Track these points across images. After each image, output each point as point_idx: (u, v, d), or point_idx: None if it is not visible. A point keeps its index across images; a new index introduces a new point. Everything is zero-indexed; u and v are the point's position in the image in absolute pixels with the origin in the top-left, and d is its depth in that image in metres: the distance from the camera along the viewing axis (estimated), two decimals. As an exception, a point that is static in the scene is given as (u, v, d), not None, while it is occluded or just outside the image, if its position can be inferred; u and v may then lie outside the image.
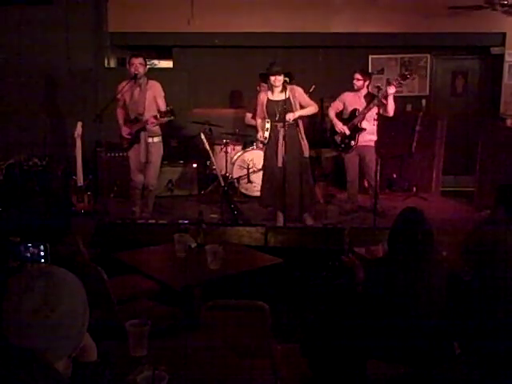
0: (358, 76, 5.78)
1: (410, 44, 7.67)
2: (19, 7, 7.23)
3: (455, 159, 7.41)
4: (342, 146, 5.90)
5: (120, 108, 5.54)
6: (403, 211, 2.94)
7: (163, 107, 5.35)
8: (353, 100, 5.81)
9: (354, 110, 5.74)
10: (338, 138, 5.91)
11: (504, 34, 7.47)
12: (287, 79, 5.17)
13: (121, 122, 5.54)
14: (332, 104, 6.04)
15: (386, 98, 5.56)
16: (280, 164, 5.24)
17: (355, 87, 5.76)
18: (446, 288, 2.77)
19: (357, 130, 5.72)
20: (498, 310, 2.89)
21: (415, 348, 2.62)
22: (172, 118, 5.28)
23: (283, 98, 5.20)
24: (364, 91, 5.77)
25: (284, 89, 5.19)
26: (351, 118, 5.78)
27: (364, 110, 5.67)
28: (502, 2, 6.88)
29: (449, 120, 7.15)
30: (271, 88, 5.25)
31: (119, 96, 5.41)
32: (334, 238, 5.15)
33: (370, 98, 5.74)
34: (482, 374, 2.67)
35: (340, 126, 5.82)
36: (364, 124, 5.71)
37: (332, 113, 5.95)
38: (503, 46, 7.52)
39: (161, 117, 5.26)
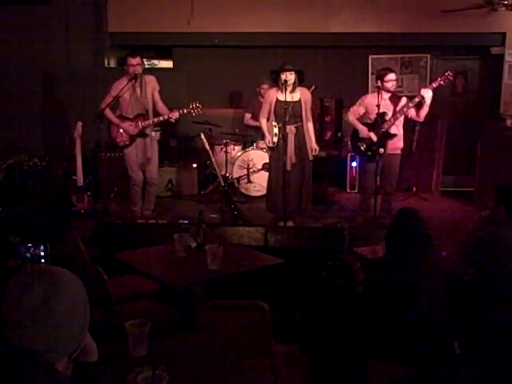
0: (394, 76, 5.29)
1: (410, 44, 7.66)
2: (19, 7, 7.23)
3: (455, 159, 7.40)
4: (369, 153, 5.36)
5: (110, 107, 5.45)
6: (399, 212, 2.94)
7: (160, 100, 5.52)
8: (378, 103, 5.18)
9: (382, 114, 5.22)
10: (362, 146, 5.41)
11: (504, 34, 7.46)
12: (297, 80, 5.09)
13: (115, 119, 5.49)
14: (351, 109, 5.54)
15: (422, 102, 5.18)
16: (289, 167, 5.17)
17: (391, 89, 5.27)
18: (445, 288, 2.77)
19: (387, 137, 5.25)
20: (498, 310, 2.89)
21: (415, 348, 2.62)
22: (200, 111, 5.42)
23: (293, 99, 5.13)
24: (389, 93, 5.32)
25: (294, 89, 5.13)
26: (378, 123, 5.27)
27: (397, 115, 5.23)
28: (502, 2, 6.89)
29: (449, 120, 7.16)
30: (281, 88, 5.09)
31: (115, 94, 5.38)
32: (334, 237, 5.15)
33: (396, 99, 5.32)
34: (482, 374, 2.67)
35: (366, 132, 5.34)
36: (393, 129, 5.28)
37: (352, 118, 5.46)
38: (503, 46, 7.52)
39: (188, 111, 5.37)
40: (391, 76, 5.28)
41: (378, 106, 5.15)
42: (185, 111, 5.39)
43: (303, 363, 2.91)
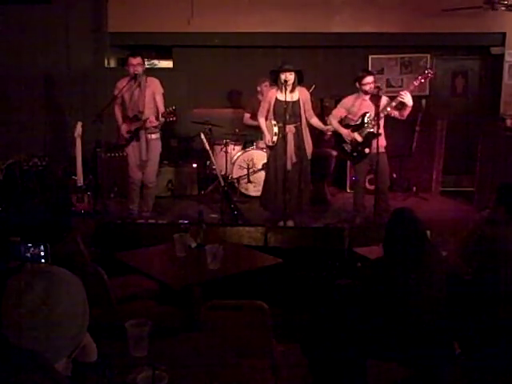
0: (371, 79, 5.28)
1: (410, 44, 7.66)
2: (19, 7, 7.23)
3: (455, 159, 7.41)
4: (354, 154, 5.43)
5: (118, 105, 5.53)
6: (394, 213, 2.94)
7: (161, 104, 5.43)
8: (359, 104, 5.35)
9: (365, 114, 5.30)
10: (348, 147, 5.45)
11: (504, 34, 7.47)
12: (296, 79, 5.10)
13: (119, 119, 5.55)
14: (333, 112, 5.57)
15: (402, 105, 5.18)
16: (289, 167, 5.20)
17: (369, 92, 5.26)
18: (446, 288, 2.77)
19: (373, 136, 5.25)
20: (498, 310, 2.90)
21: (415, 348, 2.62)
22: (174, 118, 5.30)
23: (292, 99, 5.15)
24: (368, 94, 5.33)
25: (294, 89, 5.14)
26: (362, 124, 5.33)
27: (380, 114, 5.19)
28: (502, 2, 6.88)
29: (449, 120, 7.15)
30: (280, 87, 5.12)
31: (117, 93, 5.41)
32: (333, 237, 5.15)
33: (376, 99, 5.27)
34: (482, 374, 2.67)
35: (350, 135, 5.36)
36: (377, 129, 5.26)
37: (335, 122, 5.47)
38: (503, 46, 7.52)
39: (163, 117, 5.27)
40: (368, 79, 5.30)
41: (378, 106, 5.17)
42: (160, 118, 5.28)
43: (303, 363, 2.92)
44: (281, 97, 5.13)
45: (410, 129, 6.80)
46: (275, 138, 5.24)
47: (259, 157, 6.57)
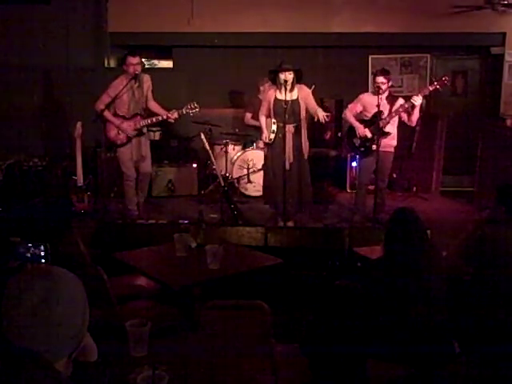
0: (382, 79, 5.37)
1: (410, 44, 7.66)
2: (19, 7, 7.24)
3: (455, 159, 7.40)
4: (362, 149, 5.56)
5: (106, 105, 5.41)
6: (395, 212, 2.94)
7: (151, 99, 5.57)
8: (374, 102, 5.37)
9: (378, 113, 5.36)
10: (357, 141, 5.58)
11: (504, 34, 7.47)
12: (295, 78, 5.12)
13: (115, 119, 5.46)
14: (349, 106, 5.66)
15: (413, 108, 5.30)
16: (288, 167, 5.20)
17: (380, 91, 5.30)
18: (445, 288, 2.77)
19: (381, 134, 5.35)
20: (498, 310, 2.89)
21: (415, 348, 2.62)
22: (198, 111, 5.48)
23: (292, 97, 5.16)
24: (386, 92, 5.43)
25: (293, 88, 5.15)
26: (374, 121, 5.43)
27: (392, 114, 5.37)
28: (502, 2, 6.89)
29: (449, 120, 7.15)
30: (279, 87, 5.15)
31: (114, 92, 5.36)
32: (333, 237, 5.16)
33: (392, 99, 5.45)
34: (482, 374, 2.67)
35: (362, 130, 5.48)
36: (388, 128, 5.41)
37: (349, 115, 5.58)
38: (503, 46, 7.52)
39: (188, 110, 5.40)
40: (378, 79, 5.40)
41: (378, 105, 5.23)
42: (184, 112, 5.40)
43: (303, 363, 2.91)
44: (280, 96, 5.15)
45: (410, 129, 6.79)
46: (272, 136, 5.26)
47: (259, 157, 6.56)
